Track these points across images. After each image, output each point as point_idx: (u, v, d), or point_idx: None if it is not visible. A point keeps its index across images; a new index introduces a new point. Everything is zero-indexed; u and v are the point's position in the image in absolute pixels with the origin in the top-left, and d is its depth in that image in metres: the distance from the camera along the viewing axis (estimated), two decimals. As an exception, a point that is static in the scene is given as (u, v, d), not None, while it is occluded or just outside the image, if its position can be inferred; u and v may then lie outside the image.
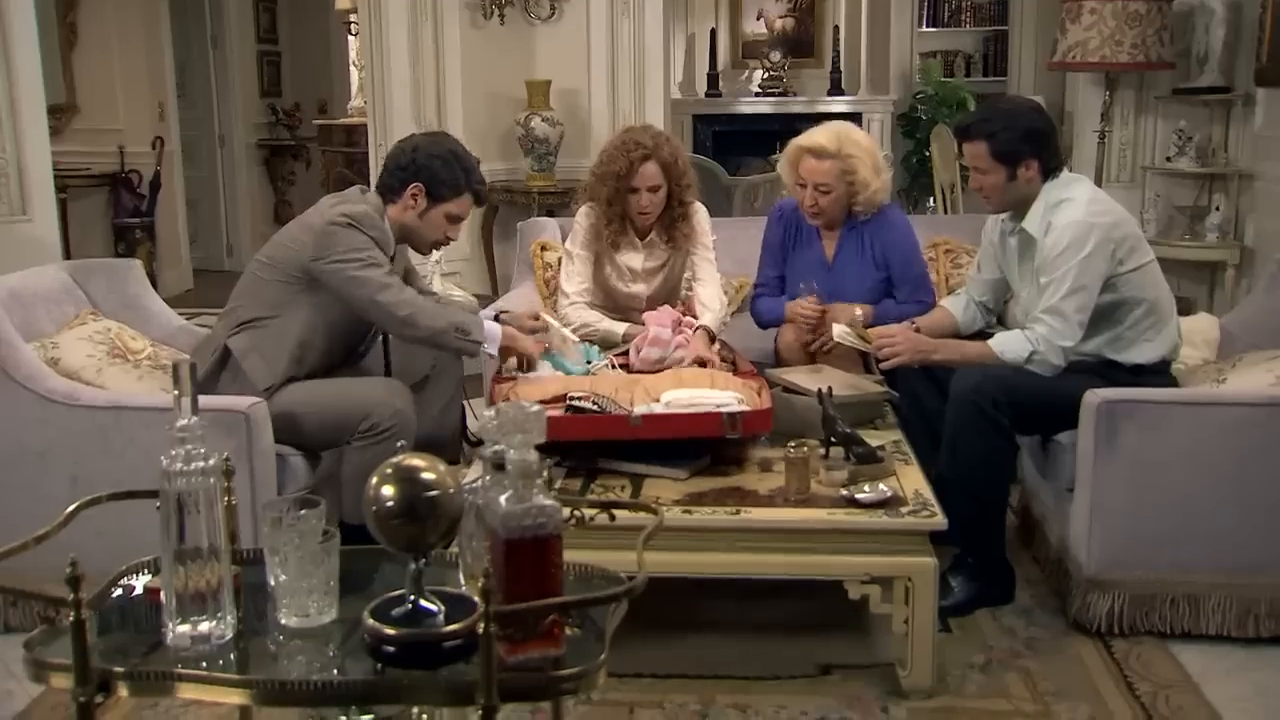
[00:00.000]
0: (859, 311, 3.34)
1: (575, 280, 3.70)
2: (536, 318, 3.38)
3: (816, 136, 3.48)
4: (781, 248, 3.69)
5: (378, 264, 2.99)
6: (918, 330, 3.24)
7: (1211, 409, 2.82)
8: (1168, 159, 5.47)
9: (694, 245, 3.71)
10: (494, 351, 3.11)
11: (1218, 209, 5.32)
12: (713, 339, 3.51)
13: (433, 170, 3.05)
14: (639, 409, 2.78)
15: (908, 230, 3.62)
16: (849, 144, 3.45)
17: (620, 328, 3.61)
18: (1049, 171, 3.04)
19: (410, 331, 3.04)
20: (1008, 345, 3.01)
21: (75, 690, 1.49)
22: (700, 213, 3.71)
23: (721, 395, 2.82)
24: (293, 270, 3.02)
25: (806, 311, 3.44)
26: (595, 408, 2.76)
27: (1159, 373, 3.05)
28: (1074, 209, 2.97)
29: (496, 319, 3.31)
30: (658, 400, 2.82)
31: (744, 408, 2.77)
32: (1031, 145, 3.01)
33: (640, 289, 3.74)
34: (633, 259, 3.72)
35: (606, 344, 3.54)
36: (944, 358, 3.09)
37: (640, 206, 3.57)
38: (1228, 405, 2.81)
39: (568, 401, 2.79)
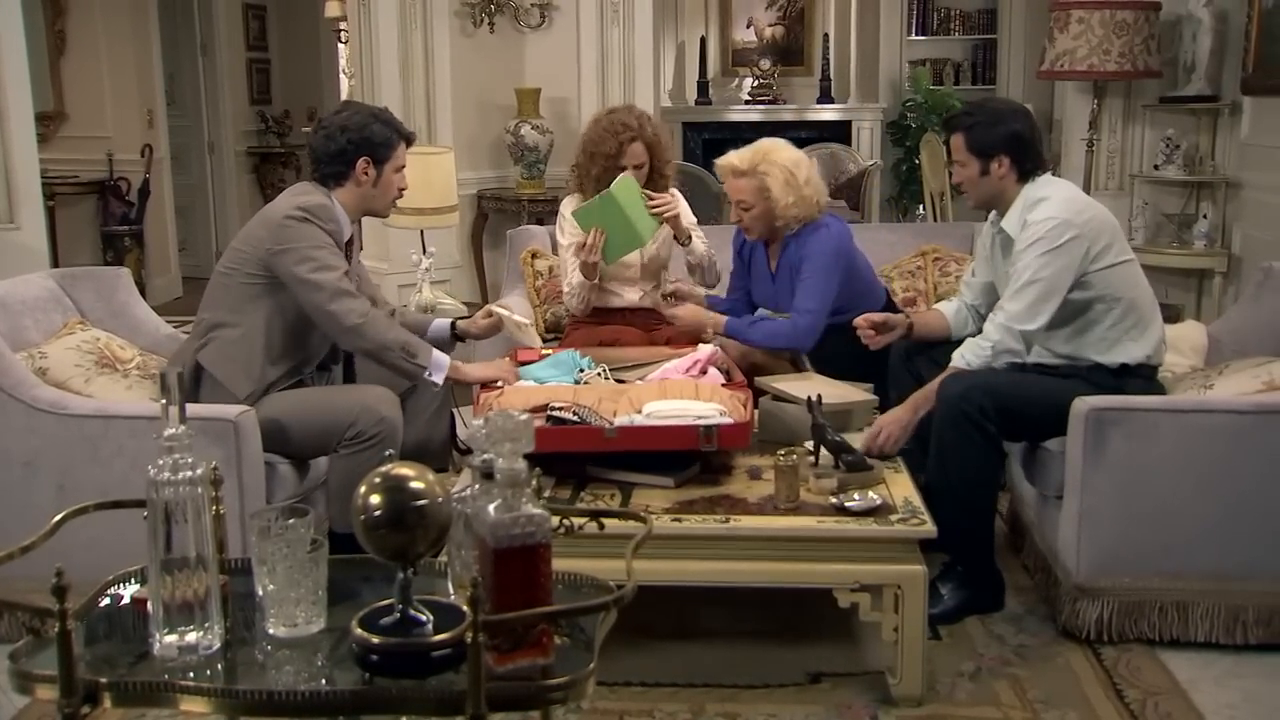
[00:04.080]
0: (711, 331, 3.56)
1: (569, 276, 3.87)
2: (489, 314, 3.40)
3: (732, 157, 3.59)
4: (740, 255, 3.84)
5: (331, 267, 2.96)
6: (911, 327, 3.28)
7: (1199, 416, 2.82)
8: (1155, 167, 5.48)
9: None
10: (439, 380, 3.06)
11: (1205, 217, 5.34)
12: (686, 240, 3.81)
13: (368, 137, 3.07)
14: (620, 420, 2.78)
15: (822, 241, 3.52)
16: (764, 162, 3.50)
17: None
18: (1026, 173, 3.07)
19: (356, 341, 3.03)
20: (969, 353, 3.03)
21: (61, 702, 1.48)
22: (679, 197, 3.95)
23: (704, 407, 2.81)
24: (252, 268, 3.01)
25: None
26: (575, 419, 2.76)
27: (1145, 375, 3.06)
28: (1050, 206, 3.00)
29: (452, 327, 3.39)
30: (640, 411, 2.82)
31: (725, 420, 2.77)
32: (1007, 145, 3.04)
33: (631, 257, 3.84)
34: None
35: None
36: (923, 408, 3.01)
37: None
38: (1215, 412, 2.82)
39: (548, 412, 2.79)
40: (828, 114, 9.35)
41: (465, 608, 1.44)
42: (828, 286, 3.50)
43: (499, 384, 3.13)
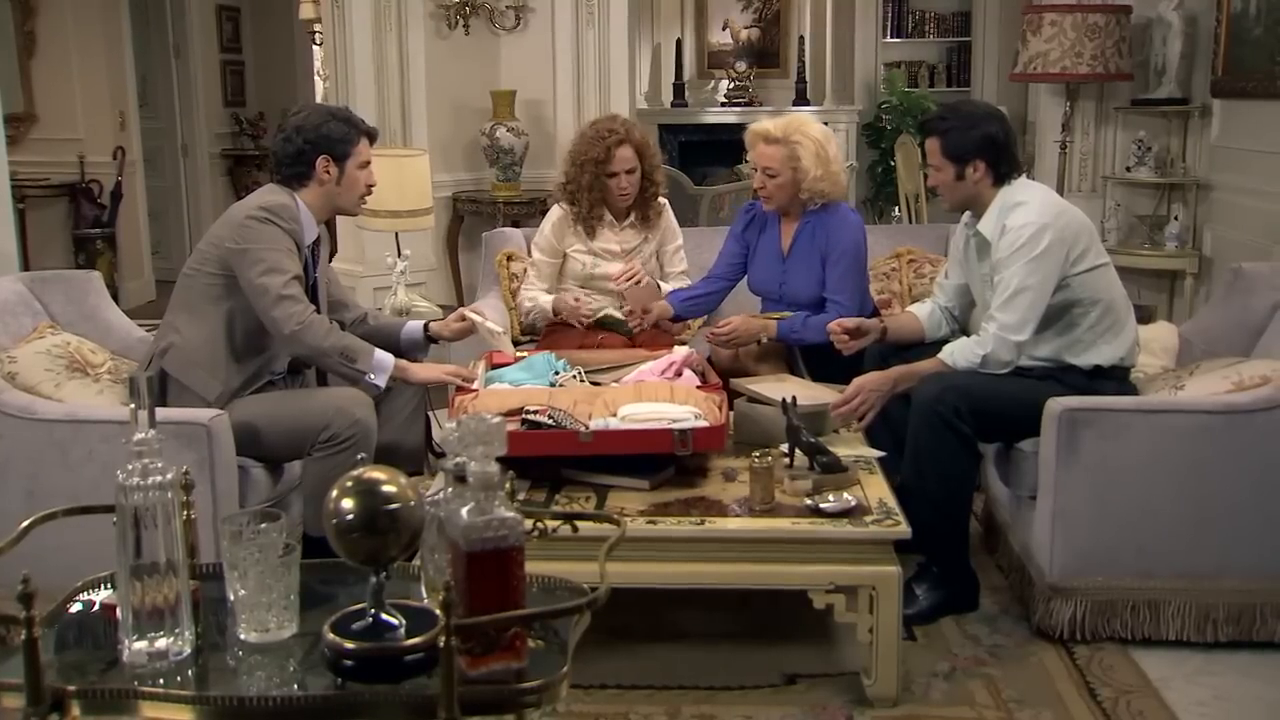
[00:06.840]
0: (764, 338, 3.57)
1: (533, 282, 3.99)
2: (462, 318, 3.42)
3: (767, 123, 3.65)
4: (743, 236, 3.82)
5: (281, 270, 2.94)
6: (885, 331, 3.30)
7: (1170, 416, 2.84)
8: (1127, 169, 5.53)
9: (665, 240, 4.02)
10: (381, 382, 3.04)
11: (1176, 218, 5.39)
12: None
13: (325, 135, 3.07)
14: (595, 423, 2.78)
15: (853, 230, 3.64)
16: (796, 132, 3.58)
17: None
18: (1001, 177, 3.08)
19: (294, 348, 3.03)
20: (958, 354, 3.04)
21: (27, 710, 1.47)
22: (669, 209, 4.03)
23: (679, 410, 2.81)
24: (214, 267, 3.01)
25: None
26: (550, 422, 2.75)
27: (1118, 377, 3.08)
28: (1028, 211, 3.01)
29: (425, 329, 3.40)
30: (615, 414, 2.82)
31: (700, 423, 2.77)
32: (982, 149, 3.05)
33: (616, 268, 3.89)
34: (610, 241, 3.92)
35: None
36: (902, 384, 3.07)
37: (620, 188, 3.83)
38: (1186, 412, 2.84)
39: (523, 415, 2.78)
40: (803, 116, 9.37)
41: (438, 612, 1.43)
42: (860, 277, 3.64)
43: (474, 386, 3.12)
